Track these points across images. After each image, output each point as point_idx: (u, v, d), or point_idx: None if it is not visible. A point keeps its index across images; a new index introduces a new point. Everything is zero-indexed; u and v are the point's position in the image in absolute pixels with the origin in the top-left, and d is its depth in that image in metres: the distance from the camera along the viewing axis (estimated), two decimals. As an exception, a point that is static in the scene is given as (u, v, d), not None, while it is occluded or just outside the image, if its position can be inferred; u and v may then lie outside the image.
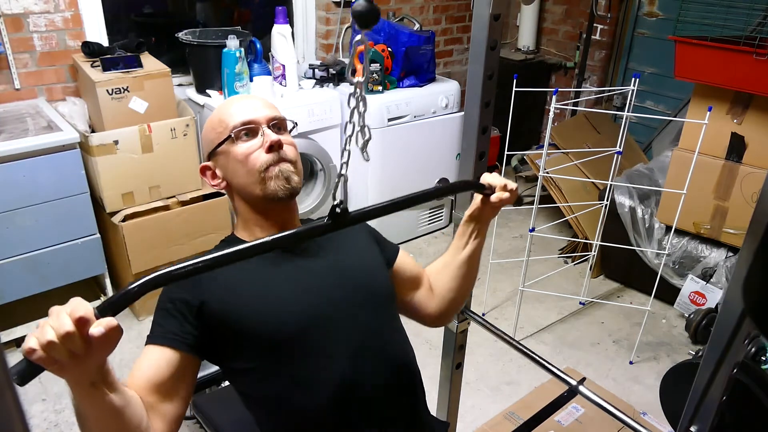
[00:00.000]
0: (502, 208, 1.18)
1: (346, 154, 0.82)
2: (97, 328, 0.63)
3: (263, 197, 1.04)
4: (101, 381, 0.73)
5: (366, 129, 0.81)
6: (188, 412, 2.08)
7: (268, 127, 1.05)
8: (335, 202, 0.83)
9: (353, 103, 0.80)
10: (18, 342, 2.42)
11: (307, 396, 0.99)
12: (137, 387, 0.89)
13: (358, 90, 0.78)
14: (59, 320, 0.62)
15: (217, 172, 1.10)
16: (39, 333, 0.62)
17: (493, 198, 1.09)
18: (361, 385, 1.01)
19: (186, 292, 0.97)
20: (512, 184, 1.10)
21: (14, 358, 2.36)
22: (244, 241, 1.07)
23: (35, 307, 2.44)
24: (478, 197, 1.12)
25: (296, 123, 1.14)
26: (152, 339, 0.95)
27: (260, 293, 1.00)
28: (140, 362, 0.93)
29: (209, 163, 1.11)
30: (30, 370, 0.62)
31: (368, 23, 0.73)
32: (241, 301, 0.98)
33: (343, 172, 0.85)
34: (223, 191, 1.15)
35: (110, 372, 0.74)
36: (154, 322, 0.98)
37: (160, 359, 0.93)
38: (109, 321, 0.64)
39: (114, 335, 0.65)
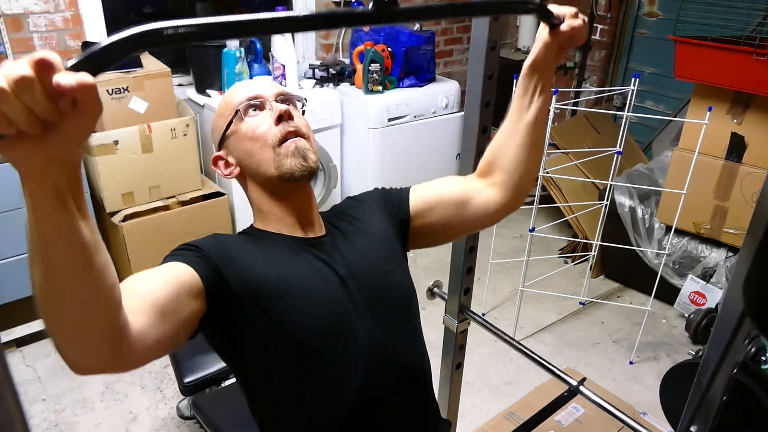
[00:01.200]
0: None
1: None
2: (67, 77, 0.45)
3: (279, 177, 0.97)
4: (69, 191, 0.54)
5: None
6: (188, 412, 2.09)
7: (276, 101, 1.00)
8: None
9: None
10: (18, 342, 2.42)
11: (321, 394, 0.96)
12: (131, 287, 0.74)
13: None
14: (14, 65, 0.45)
15: (230, 159, 1.03)
16: None
17: (564, 27, 0.91)
18: (375, 388, 0.99)
19: (211, 252, 0.90)
20: (582, 15, 0.93)
21: (14, 358, 2.36)
22: (264, 231, 1.03)
23: (35, 307, 2.43)
24: (541, 35, 0.95)
25: (306, 99, 1.08)
26: (167, 259, 0.85)
27: (287, 280, 0.95)
28: (143, 272, 0.80)
29: (221, 153, 1.04)
30: None
31: None
32: (266, 285, 0.92)
33: None
34: (224, 192, 1.12)
35: (82, 185, 0.56)
36: (168, 255, 0.87)
37: (172, 270, 0.82)
38: (82, 75, 0.46)
39: (89, 99, 0.47)
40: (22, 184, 0.52)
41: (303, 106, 1.07)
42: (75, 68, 0.47)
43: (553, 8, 0.92)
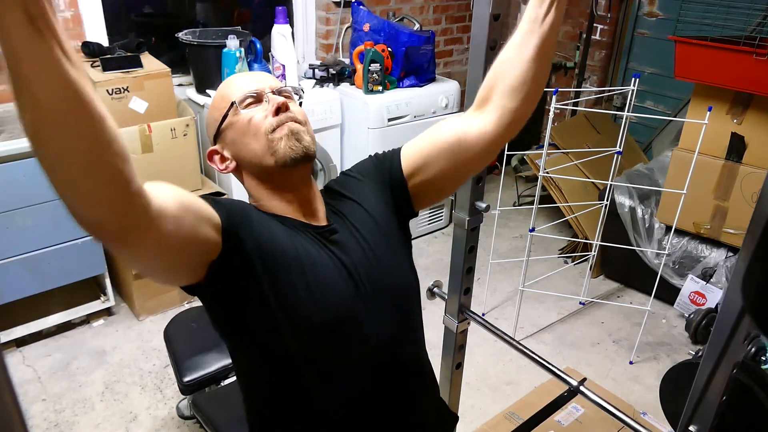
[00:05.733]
0: (503, 209, 1.13)
1: None
2: None
3: (275, 166, 0.94)
4: (42, 17, 0.51)
5: None
6: (188, 412, 2.09)
7: (273, 94, 0.97)
8: None
9: None
10: (18, 342, 2.42)
11: (324, 388, 0.96)
12: (157, 185, 0.74)
13: None
14: None
15: (225, 153, 1.00)
16: None
17: None
18: (380, 384, 1.00)
19: (232, 210, 0.89)
20: None
21: (14, 358, 2.36)
22: (271, 213, 0.98)
23: (35, 307, 2.44)
24: None
25: (303, 90, 1.06)
26: None
27: (304, 259, 0.92)
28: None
29: (216, 147, 1.01)
30: None
31: None
32: (283, 255, 0.90)
33: None
34: (224, 192, 1.11)
35: (54, 14, 0.52)
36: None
37: (198, 199, 0.83)
38: None
39: None
40: None
41: (300, 98, 1.04)
42: None
43: None
